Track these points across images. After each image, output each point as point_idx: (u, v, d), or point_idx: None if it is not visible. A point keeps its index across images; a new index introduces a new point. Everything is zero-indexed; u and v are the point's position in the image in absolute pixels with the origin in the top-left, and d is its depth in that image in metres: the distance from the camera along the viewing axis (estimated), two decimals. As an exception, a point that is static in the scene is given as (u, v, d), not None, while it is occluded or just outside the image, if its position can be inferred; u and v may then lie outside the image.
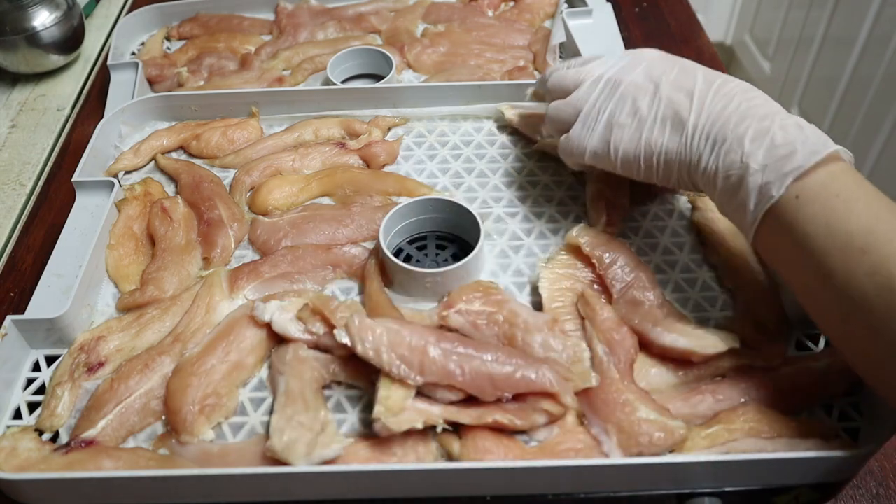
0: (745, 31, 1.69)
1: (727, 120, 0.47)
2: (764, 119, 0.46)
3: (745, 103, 0.47)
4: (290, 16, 0.89)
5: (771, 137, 0.44)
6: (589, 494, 0.47)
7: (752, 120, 0.46)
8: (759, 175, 0.44)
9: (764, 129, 0.45)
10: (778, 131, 0.44)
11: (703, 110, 0.48)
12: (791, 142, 0.44)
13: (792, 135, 0.44)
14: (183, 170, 0.68)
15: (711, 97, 0.49)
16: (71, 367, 0.52)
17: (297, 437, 0.46)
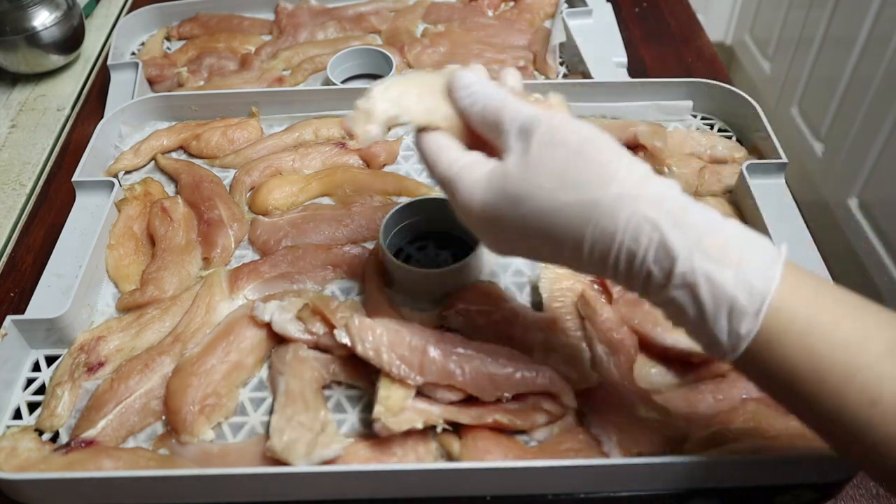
0: (745, 31, 1.69)
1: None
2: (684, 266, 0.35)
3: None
4: (290, 16, 0.89)
5: (701, 300, 0.34)
6: (589, 494, 0.47)
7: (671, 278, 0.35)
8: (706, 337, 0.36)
9: (689, 288, 0.35)
10: (703, 286, 0.34)
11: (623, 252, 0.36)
12: (725, 297, 0.34)
13: (721, 287, 0.34)
14: (183, 170, 0.68)
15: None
16: (71, 367, 0.52)
17: (297, 437, 0.46)
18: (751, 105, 0.69)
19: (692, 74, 0.81)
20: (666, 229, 0.34)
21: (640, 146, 0.67)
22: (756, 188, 0.61)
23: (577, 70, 0.80)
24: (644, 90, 0.72)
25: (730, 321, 0.34)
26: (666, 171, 0.66)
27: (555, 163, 0.36)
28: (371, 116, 0.41)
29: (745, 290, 0.33)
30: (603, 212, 0.35)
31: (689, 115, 0.73)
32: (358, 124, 0.41)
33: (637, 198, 0.35)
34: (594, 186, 0.35)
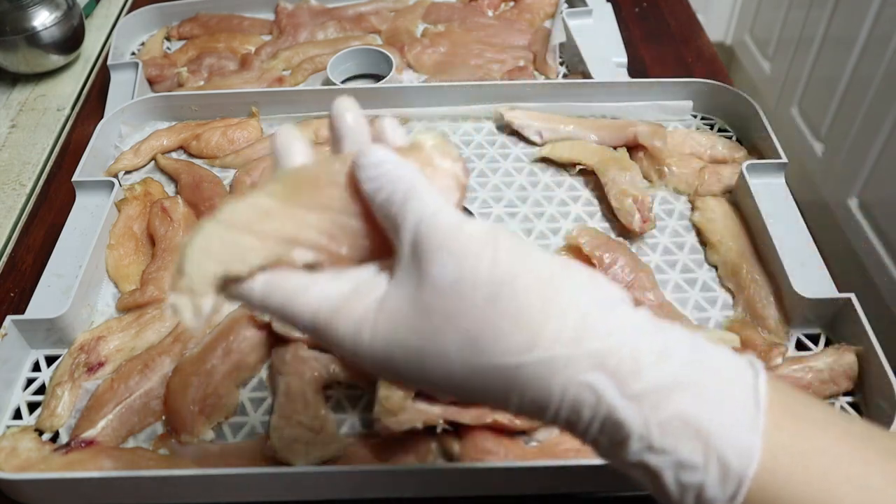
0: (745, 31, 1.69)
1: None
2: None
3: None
4: (290, 16, 0.88)
5: (663, 483, 0.26)
6: (589, 494, 0.47)
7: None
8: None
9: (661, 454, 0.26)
10: (666, 471, 0.26)
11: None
12: (692, 484, 0.26)
13: (688, 471, 0.26)
14: (183, 170, 0.68)
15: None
16: (71, 367, 0.52)
17: (297, 436, 0.46)
18: (751, 105, 0.69)
19: (692, 74, 0.81)
20: (613, 402, 0.26)
21: (640, 146, 0.67)
22: (756, 188, 0.61)
23: (577, 70, 0.80)
24: (644, 90, 0.72)
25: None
26: (666, 171, 0.66)
27: (461, 311, 0.27)
28: (195, 292, 0.28)
29: (717, 474, 0.26)
30: (528, 381, 0.26)
31: (689, 115, 0.73)
32: (187, 312, 0.28)
33: (571, 360, 0.26)
34: (514, 350, 0.26)
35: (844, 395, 0.51)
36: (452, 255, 0.27)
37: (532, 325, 0.26)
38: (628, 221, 0.61)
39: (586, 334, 0.26)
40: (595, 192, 0.66)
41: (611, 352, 0.26)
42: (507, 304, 0.26)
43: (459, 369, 0.27)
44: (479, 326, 0.26)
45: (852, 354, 0.51)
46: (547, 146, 0.69)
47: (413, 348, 0.27)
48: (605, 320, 0.27)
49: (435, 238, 0.27)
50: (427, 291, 0.27)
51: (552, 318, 0.26)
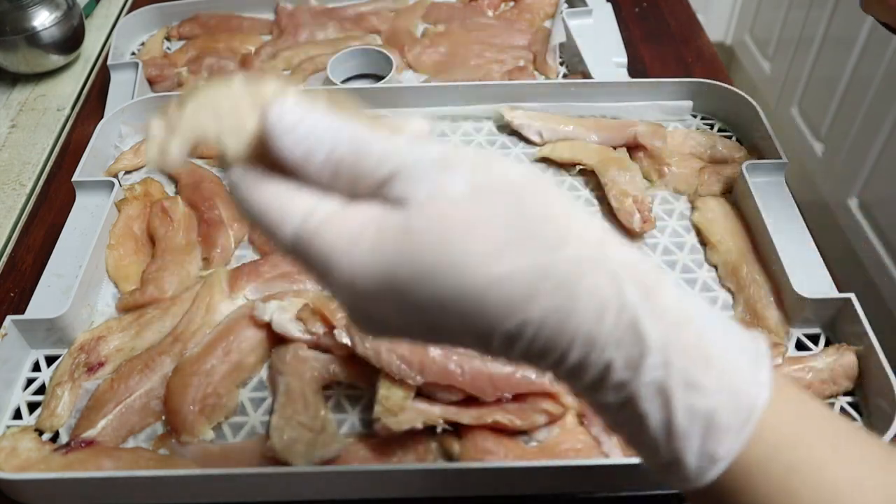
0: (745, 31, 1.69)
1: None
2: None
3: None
4: (290, 16, 0.88)
5: (672, 408, 0.25)
6: (589, 494, 0.47)
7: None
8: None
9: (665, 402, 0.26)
10: (679, 392, 0.25)
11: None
12: (702, 409, 0.25)
13: (700, 396, 0.25)
14: (183, 170, 0.68)
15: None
16: (71, 367, 0.52)
17: (297, 436, 0.46)
18: (751, 105, 0.69)
19: (692, 74, 0.81)
20: (639, 309, 0.25)
21: (640, 146, 0.67)
22: (756, 188, 0.61)
23: (577, 70, 0.80)
24: (644, 90, 0.72)
25: (703, 440, 0.25)
26: (666, 171, 0.66)
27: (489, 217, 0.25)
28: (176, 131, 0.27)
29: (729, 401, 0.25)
30: (558, 281, 0.24)
31: (689, 115, 0.73)
32: (152, 140, 0.27)
33: (600, 261, 0.25)
34: (544, 247, 0.25)
35: (844, 395, 0.51)
36: (460, 170, 0.25)
37: (562, 226, 0.25)
38: (628, 221, 0.61)
39: (610, 242, 0.26)
40: (595, 192, 0.66)
41: (635, 263, 0.26)
42: (534, 206, 0.25)
43: (475, 280, 0.24)
44: (505, 230, 0.25)
45: (852, 354, 0.51)
46: (547, 146, 0.69)
47: (424, 262, 0.25)
48: (622, 240, 0.26)
49: (430, 162, 0.25)
50: (441, 204, 0.25)
51: (578, 223, 0.25)
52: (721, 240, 0.60)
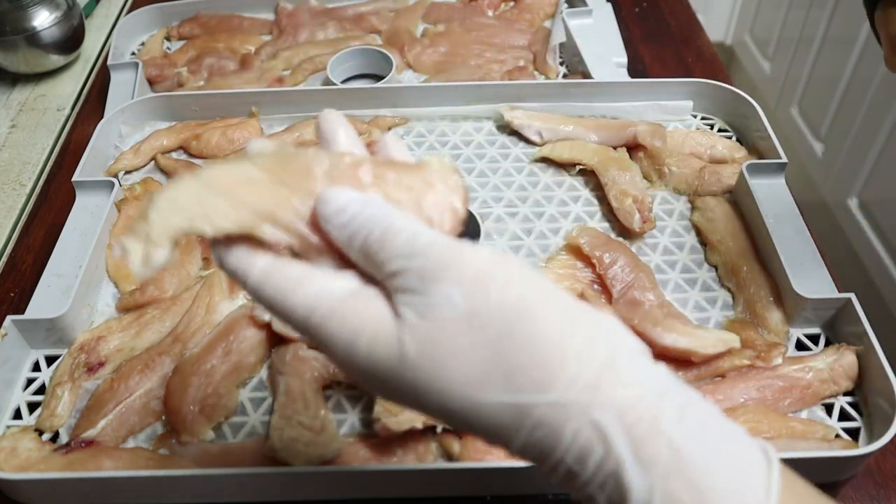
0: (745, 31, 1.69)
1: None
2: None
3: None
4: (290, 16, 0.88)
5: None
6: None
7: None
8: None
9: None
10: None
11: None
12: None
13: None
14: (183, 170, 0.68)
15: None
16: (71, 367, 0.52)
17: (297, 436, 0.46)
18: (751, 105, 0.69)
19: (692, 74, 0.81)
20: (624, 460, 0.24)
21: (640, 146, 0.67)
22: (756, 188, 0.61)
23: (577, 70, 0.80)
24: (644, 90, 0.72)
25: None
26: (666, 171, 0.66)
27: (471, 346, 0.25)
28: (152, 236, 0.27)
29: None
30: (538, 422, 0.25)
31: (689, 115, 0.73)
32: (136, 257, 0.27)
33: (587, 408, 0.24)
34: (528, 388, 0.24)
35: (844, 395, 0.51)
36: (459, 285, 0.25)
37: (550, 364, 0.24)
38: (628, 221, 0.61)
39: (607, 382, 0.25)
40: (595, 192, 0.66)
41: (630, 405, 0.24)
42: (523, 338, 0.25)
43: (460, 404, 0.25)
44: (491, 362, 0.25)
45: (852, 354, 0.51)
46: (547, 146, 0.69)
47: (412, 381, 0.26)
48: (627, 369, 0.25)
49: (435, 268, 0.26)
50: (432, 324, 0.25)
51: (571, 358, 0.25)
52: (721, 240, 0.60)
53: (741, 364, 0.51)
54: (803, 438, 0.47)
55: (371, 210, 0.27)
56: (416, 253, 0.26)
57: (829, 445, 0.47)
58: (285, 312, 0.27)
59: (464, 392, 0.25)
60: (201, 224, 0.27)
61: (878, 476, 0.49)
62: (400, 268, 0.26)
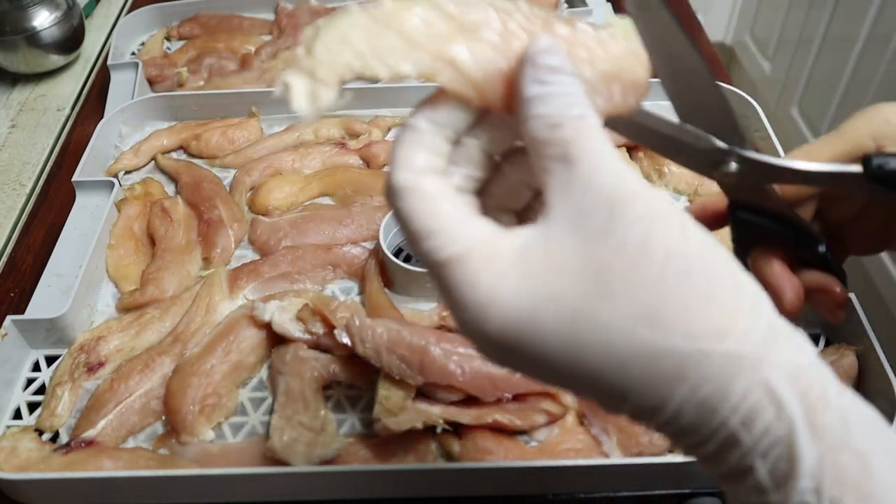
0: (745, 31, 1.69)
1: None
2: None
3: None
4: (290, 16, 0.88)
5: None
6: (589, 494, 0.47)
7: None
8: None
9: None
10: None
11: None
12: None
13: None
14: (183, 170, 0.68)
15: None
16: (71, 367, 0.52)
17: (297, 436, 0.46)
18: (751, 105, 0.69)
19: (692, 74, 0.81)
20: (797, 425, 0.22)
21: (640, 146, 0.67)
22: (756, 188, 0.61)
23: (577, 70, 0.80)
24: (644, 90, 0.72)
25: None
26: (666, 171, 0.66)
27: (642, 283, 0.22)
28: (318, 73, 0.24)
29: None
30: (709, 372, 0.22)
31: (689, 115, 0.73)
32: (299, 93, 0.24)
33: (760, 363, 0.22)
34: (703, 334, 0.22)
35: (844, 395, 0.51)
36: (641, 217, 0.23)
37: (726, 312, 0.23)
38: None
39: (777, 340, 0.23)
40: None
41: (802, 368, 0.23)
42: (701, 281, 0.23)
43: (623, 345, 0.22)
44: (665, 300, 0.22)
45: (852, 354, 0.51)
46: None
47: (569, 308, 0.22)
48: (791, 334, 0.23)
49: (618, 193, 0.23)
50: (606, 249, 0.23)
51: (744, 310, 0.23)
52: (721, 240, 0.60)
53: (741, 364, 0.51)
54: (803, 438, 0.47)
55: (576, 96, 0.24)
56: (601, 171, 0.23)
57: (829, 445, 0.47)
58: (420, 239, 0.24)
59: (629, 329, 0.22)
60: (374, 64, 0.24)
61: (878, 476, 0.49)
62: (581, 183, 0.23)
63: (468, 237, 0.24)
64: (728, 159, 0.34)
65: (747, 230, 0.38)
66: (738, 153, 0.34)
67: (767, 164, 0.34)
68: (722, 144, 0.33)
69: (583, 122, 0.24)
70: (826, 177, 0.35)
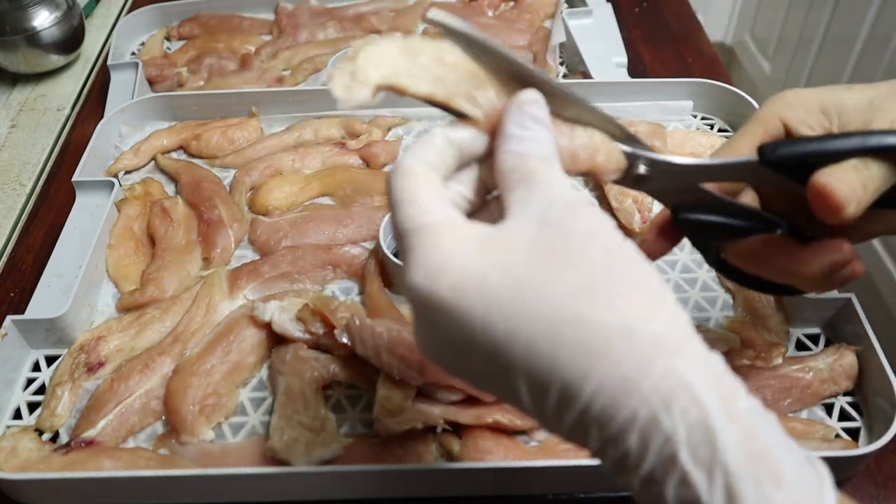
0: (745, 31, 1.69)
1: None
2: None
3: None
4: (290, 16, 0.88)
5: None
6: (589, 494, 0.47)
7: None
8: None
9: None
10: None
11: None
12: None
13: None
14: (183, 170, 0.68)
15: None
16: (71, 367, 0.52)
17: (297, 436, 0.46)
18: (751, 105, 0.69)
19: (692, 74, 0.81)
20: (713, 407, 0.24)
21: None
22: (756, 188, 0.61)
23: (577, 70, 0.80)
24: (644, 90, 0.72)
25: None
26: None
27: (588, 264, 0.25)
28: (357, 76, 0.29)
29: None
30: (628, 351, 0.24)
31: (689, 115, 0.73)
32: (339, 84, 0.29)
33: (679, 349, 0.24)
34: (630, 312, 0.24)
35: (844, 395, 0.51)
36: (590, 217, 0.27)
37: (655, 299, 0.25)
38: (628, 221, 0.61)
39: (694, 336, 0.25)
40: (595, 192, 0.66)
41: (715, 361, 0.25)
42: (636, 271, 0.26)
43: (559, 313, 0.25)
44: (604, 279, 0.25)
45: (852, 354, 0.51)
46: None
47: (516, 276, 0.25)
48: (702, 341, 0.26)
49: (573, 201, 0.27)
50: (555, 233, 0.26)
51: (668, 303, 0.25)
52: (721, 240, 0.60)
53: (741, 364, 0.51)
54: (803, 438, 0.47)
55: (546, 138, 0.30)
56: (548, 192, 0.28)
57: (829, 445, 0.47)
58: (400, 206, 0.28)
59: (568, 300, 0.25)
60: (404, 80, 0.29)
61: (878, 476, 0.49)
62: (527, 196, 0.28)
63: (442, 213, 0.28)
64: (637, 163, 0.34)
65: (702, 230, 0.38)
66: (643, 156, 0.34)
67: (672, 163, 0.35)
68: (626, 148, 0.34)
69: (547, 164, 0.29)
70: (730, 168, 0.35)
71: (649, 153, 0.34)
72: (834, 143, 0.33)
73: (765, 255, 0.38)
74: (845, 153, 0.33)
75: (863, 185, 0.32)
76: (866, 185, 0.32)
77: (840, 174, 0.32)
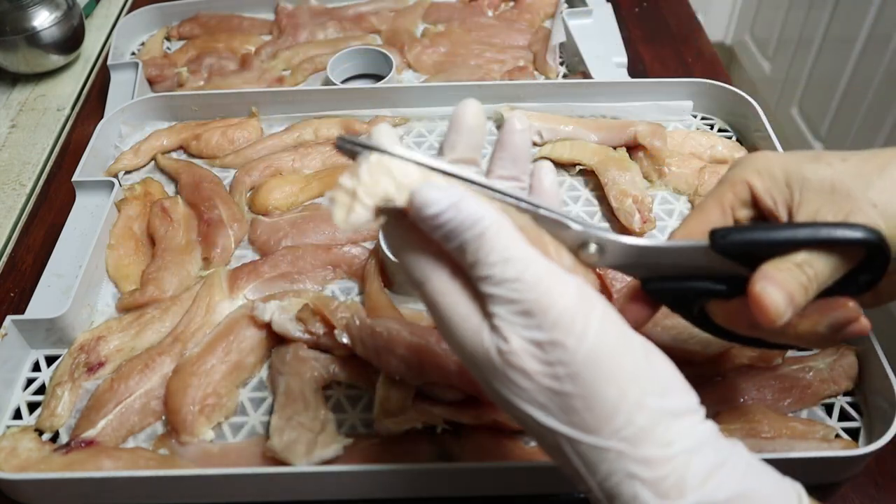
0: (745, 31, 1.69)
1: None
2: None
3: None
4: (290, 16, 0.88)
5: None
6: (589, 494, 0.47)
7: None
8: None
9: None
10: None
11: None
12: None
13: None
14: (183, 170, 0.68)
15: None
16: (71, 367, 0.52)
17: (297, 436, 0.46)
18: (751, 105, 0.69)
19: (692, 74, 0.81)
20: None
21: (640, 146, 0.67)
22: (756, 188, 0.60)
23: (577, 70, 0.80)
24: (644, 90, 0.72)
25: None
26: (666, 171, 0.66)
27: (542, 374, 0.29)
28: (357, 196, 0.29)
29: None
30: (578, 454, 0.29)
31: (689, 115, 0.73)
32: (339, 207, 0.29)
33: (622, 457, 0.28)
34: (576, 425, 0.29)
35: (844, 395, 0.51)
36: (542, 326, 0.28)
37: (600, 414, 0.28)
38: (628, 221, 0.61)
39: (647, 439, 0.28)
40: (595, 192, 0.66)
41: (662, 462, 0.28)
42: (584, 387, 0.28)
43: (522, 413, 0.30)
44: (555, 395, 0.29)
45: (852, 354, 0.51)
46: (547, 146, 0.69)
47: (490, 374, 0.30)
48: (669, 429, 0.29)
49: (524, 303, 0.28)
50: (511, 350, 0.29)
51: (621, 413, 0.28)
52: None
53: (741, 364, 0.51)
54: (803, 438, 0.47)
55: (468, 215, 0.29)
56: (507, 281, 0.29)
57: (829, 445, 0.47)
58: (415, 272, 0.34)
59: (527, 409, 0.29)
60: (401, 196, 0.29)
61: (878, 476, 0.49)
62: (494, 292, 0.29)
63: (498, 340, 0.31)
64: (588, 241, 0.34)
65: (675, 297, 0.38)
66: (595, 235, 0.33)
67: (623, 244, 0.34)
68: (577, 227, 0.33)
69: (479, 238, 0.30)
70: (683, 251, 0.35)
71: (601, 233, 0.33)
72: (784, 233, 0.33)
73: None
74: (795, 244, 0.33)
75: (803, 288, 0.33)
76: (808, 285, 0.33)
77: (781, 277, 0.33)
